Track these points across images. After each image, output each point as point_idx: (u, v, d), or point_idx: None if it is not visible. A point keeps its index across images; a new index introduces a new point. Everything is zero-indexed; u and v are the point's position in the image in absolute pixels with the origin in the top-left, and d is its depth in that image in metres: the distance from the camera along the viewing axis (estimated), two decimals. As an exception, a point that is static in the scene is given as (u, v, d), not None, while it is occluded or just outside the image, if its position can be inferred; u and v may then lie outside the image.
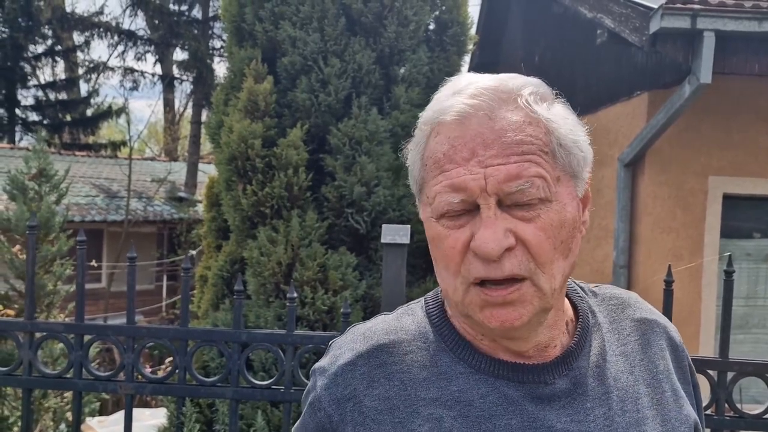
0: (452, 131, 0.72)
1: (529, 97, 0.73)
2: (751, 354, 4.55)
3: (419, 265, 3.59)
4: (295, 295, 1.93)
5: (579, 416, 0.75)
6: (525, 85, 0.74)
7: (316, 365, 0.85)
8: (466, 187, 0.70)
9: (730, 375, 1.78)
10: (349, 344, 0.82)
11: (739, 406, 1.83)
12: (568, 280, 0.85)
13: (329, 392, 0.80)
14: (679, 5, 3.72)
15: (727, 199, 4.53)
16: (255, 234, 3.60)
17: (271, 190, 3.52)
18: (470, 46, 4.15)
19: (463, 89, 0.74)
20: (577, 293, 0.86)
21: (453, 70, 3.97)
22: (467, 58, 4.32)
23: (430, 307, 0.84)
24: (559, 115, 0.74)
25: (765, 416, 1.78)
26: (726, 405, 1.79)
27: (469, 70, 7.50)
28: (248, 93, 3.65)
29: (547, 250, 0.71)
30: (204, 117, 15.64)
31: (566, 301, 0.83)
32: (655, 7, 3.76)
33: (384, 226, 1.88)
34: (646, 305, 0.89)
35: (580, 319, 0.82)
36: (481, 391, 0.76)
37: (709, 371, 1.78)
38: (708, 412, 1.79)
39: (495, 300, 0.71)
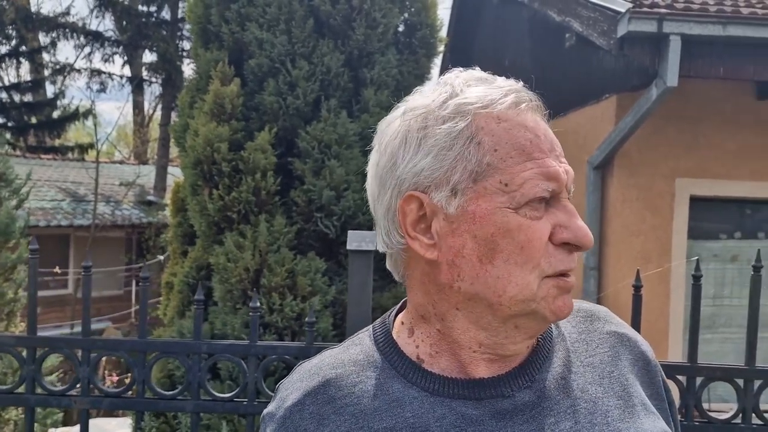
0: (527, 120, 0.72)
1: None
2: (718, 353, 4.61)
3: (387, 270, 3.55)
4: (258, 304, 1.87)
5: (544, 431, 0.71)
6: None
7: (264, 411, 0.81)
8: (558, 178, 0.70)
9: (698, 380, 1.77)
10: (295, 384, 0.79)
11: (707, 405, 1.82)
12: None
13: None
14: (645, 9, 3.75)
15: (694, 201, 4.58)
16: (222, 239, 3.52)
17: (238, 194, 3.45)
18: (440, 49, 4.13)
19: (496, 81, 0.74)
20: None
21: (423, 73, 3.95)
22: (437, 61, 4.29)
23: (378, 333, 0.81)
24: None
25: (733, 421, 1.77)
26: (695, 410, 1.78)
27: (440, 73, 7.49)
28: (214, 95, 3.58)
29: None
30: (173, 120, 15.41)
31: None
32: (623, 11, 3.78)
33: (350, 232, 1.84)
34: (617, 319, 0.87)
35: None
36: (437, 414, 0.72)
37: (678, 377, 1.77)
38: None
39: (570, 286, 0.72)
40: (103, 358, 1.92)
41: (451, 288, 0.72)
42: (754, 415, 1.78)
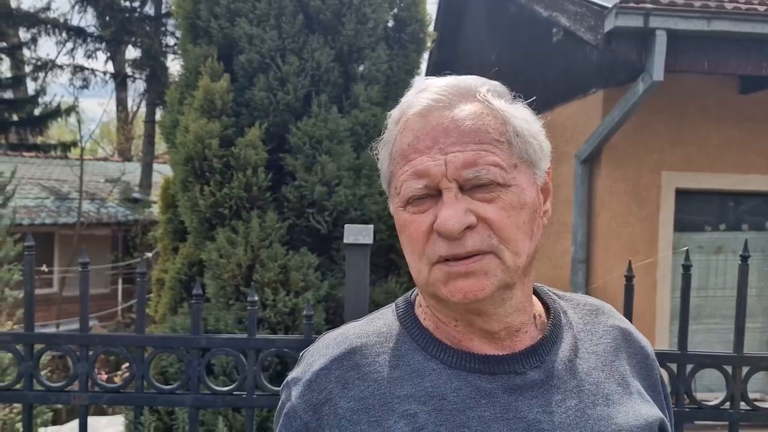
0: (415, 124, 0.76)
1: (487, 93, 0.78)
2: (703, 343, 4.68)
3: (381, 265, 3.57)
4: (256, 298, 1.89)
5: (551, 407, 0.77)
6: (484, 83, 0.80)
7: (288, 377, 0.85)
8: (428, 172, 0.74)
9: (689, 367, 1.82)
10: (321, 350, 0.84)
11: (694, 395, 1.86)
12: (541, 285, 0.89)
13: (304, 399, 0.80)
14: (632, 4, 3.79)
15: (680, 193, 4.65)
16: (213, 235, 3.52)
17: (229, 190, 3.46)
18: (429, 44, 4.15)
19: (427, 87, 0.79)
20: (550, 296, 0.89)
21: (412, 68, 3.97)
22: (426, 56, 4.31)
23: (400, 309, 0.86)
24: (516, 108, 0.79)
25: (722, 406, 1.82)
26: (685, 396, 1.82)
27: (427, 68, 7.47)
28: (204, 91, 3.57)
29: (509, 226, 0.74)
30: (158, 116, 15.28)
31: (535, 298, 0.86)
32: (610, 6, 3.82)
33: (346, 226, 1.85)
34: (620, 315, 0.93)
35: (552, 316, 0.85)
36: (454, 385, 0.77)
37: (668, 364, 1.81)
38: (668, 404, 1.82)
39: (458, 270, 0.74)
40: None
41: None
42: (742, 401, 1.83)
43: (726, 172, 4.64)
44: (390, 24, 3.94)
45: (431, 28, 4.17)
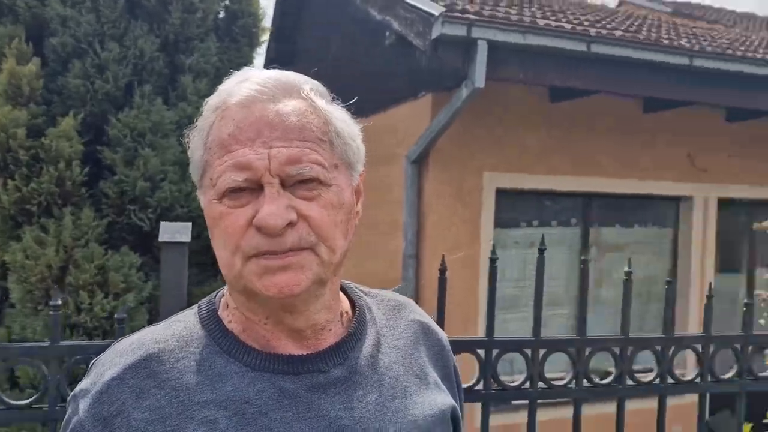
0: (237, 114, 0.74)
1: (310, 91, 0.78)
2: (519, 331, 5.10)
3: (209, 263, 3.47)
4: (60, 302, 1.73)
5: (352, 403, 0.79)
6: (307, 81, 0.80)
7: (76, 389, 0.79)
8: (251, 166, 0.72)
9: (494, 352, 1.96)
10: (114, 359, 0.78)
11: (510, 377, 2.02)
12: (348, 282, 0.91)
13: (93, 413, 0.75)
14: (456, 14, 4.02)
15: (500, 193, 5.02)
16: (19, 235, 3.21)
17: (38, 185, 3.16)
18: (263, 38, 4.09)
19: (249, 78, 0.77)
20: (356, 293, 0.91)
21: (244, 62, 3.90)
22: (260, 50, 4.25)
23: (203, 311, 0.83)
24: (336, 109, 0.80)
25: (523, 387, 1.99)
26: (492, 381, 1.97)
27: (264, 63, 7.33)
28: (9, 75, 3.24)
29: (328, 224, 0.75)
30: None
31: (343, 295, 0.88)
32: (436, 14, 4.02)
33: (162, 223, 1.77)
34: (420, 310, 0.97)
35: (357, 313, 0.87)
36: (258, 388, 0.76)
37: (477, 350, 1.94)
38: (477, 387, 1.95)
39: (275, 264, 0.73)
40: None
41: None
42: (540, 381, 2.01)
43: (540, 173, 5.10)
44: (221, 15, 3.83)
45: (266, 22, 4.13)
